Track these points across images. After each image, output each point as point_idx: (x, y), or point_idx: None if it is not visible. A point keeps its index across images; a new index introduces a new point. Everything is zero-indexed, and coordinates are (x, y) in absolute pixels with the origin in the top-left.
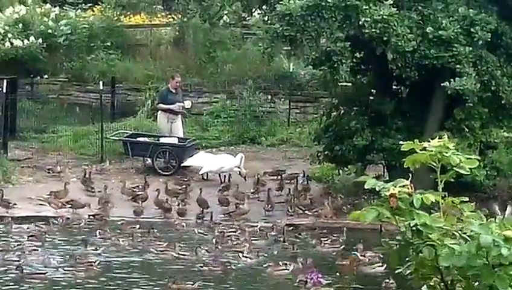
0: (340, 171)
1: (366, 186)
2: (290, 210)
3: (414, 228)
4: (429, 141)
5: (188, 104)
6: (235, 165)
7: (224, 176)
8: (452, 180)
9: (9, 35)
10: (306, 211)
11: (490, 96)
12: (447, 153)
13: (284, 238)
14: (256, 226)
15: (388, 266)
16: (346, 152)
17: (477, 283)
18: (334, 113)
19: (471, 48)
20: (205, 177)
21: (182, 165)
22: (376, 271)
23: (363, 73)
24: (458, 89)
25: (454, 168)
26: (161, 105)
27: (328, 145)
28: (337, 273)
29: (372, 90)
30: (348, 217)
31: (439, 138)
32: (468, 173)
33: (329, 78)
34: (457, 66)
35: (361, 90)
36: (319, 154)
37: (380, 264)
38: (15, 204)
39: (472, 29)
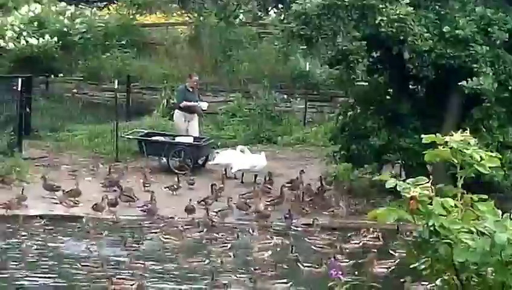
0: (357, 171)
1: (386, 186)
2: (305, 210)
3: (432, 228)
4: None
5: (204, 105)
6: (264, 165)
7: (242, 174)
8: (470, 179)
9: (25, 33)
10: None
11: (507, 95)
12: (468, 149)
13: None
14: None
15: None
16: (363, 152)
17: (491, 279)
18: (351, 113)
19: (488, 48)
20: (228, 176)
21: (205, 163)
22: None
23: (380, 72)
24: (475, 89)
25: (475, 165)
26: (186, 102)
27: (344, 144)
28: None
29: (389, 90)
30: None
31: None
32: (488, 172)
33: (346, 78)
34: (474, 65)
35: (378, 89)
36: (335, 154)
37: None
38: None
39: (489, 29)
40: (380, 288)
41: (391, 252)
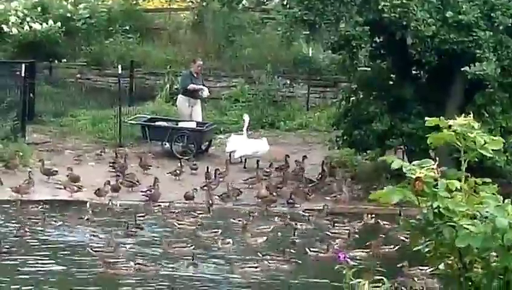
0: (359, 156)
1: (392, 167)
2: (309, 195)
3: (436, 210)
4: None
5: (206, 93)
6: (266, 150)
7: (245, 160)
8: (473, 164)
9: (28, 19)
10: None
11: (510, 81)
12: (471, 133)
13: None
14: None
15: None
16: (365, 137)
17: (494, 264)
18: (353, 98)
19: (491, 33)
20: (232, 161)
21: (207, 149)
22: None
23: (382, 58)
24: (478, 74)
25: (479, 149)
26: (192, 85)
27: (347, 130)
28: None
29: (392, 75)
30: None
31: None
32: (491, 156)
33: (348, 63)
34: (477, 51)
35: (381, 75)
36: (338, 139)
37: None
38: None
39: (492, 14)
40: (384, 272)
41: (402, 238)
